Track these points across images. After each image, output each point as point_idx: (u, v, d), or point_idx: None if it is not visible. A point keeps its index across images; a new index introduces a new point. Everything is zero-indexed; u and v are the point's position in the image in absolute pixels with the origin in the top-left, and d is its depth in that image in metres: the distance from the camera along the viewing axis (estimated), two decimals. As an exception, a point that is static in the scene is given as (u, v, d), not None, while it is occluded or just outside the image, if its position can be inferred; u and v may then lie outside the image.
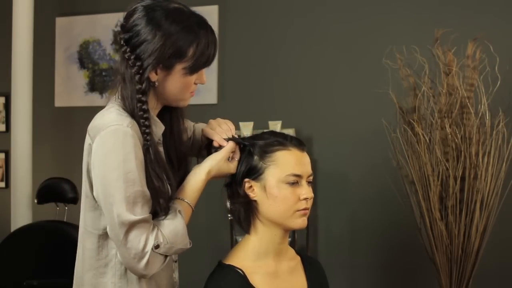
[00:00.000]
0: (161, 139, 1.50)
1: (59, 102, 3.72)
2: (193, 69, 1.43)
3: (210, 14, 3.41)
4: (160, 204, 1.40)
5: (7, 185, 3.71)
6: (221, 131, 1.57)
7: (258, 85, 3.37)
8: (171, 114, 1.55)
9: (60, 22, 3.73)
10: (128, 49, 1.40)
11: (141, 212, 1.35)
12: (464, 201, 2.44)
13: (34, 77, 3.38)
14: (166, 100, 1.47)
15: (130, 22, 1.41)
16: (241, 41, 3.41)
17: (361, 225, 3.16)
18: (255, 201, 1.51)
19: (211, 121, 1.64)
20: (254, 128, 3.07)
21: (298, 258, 1.62)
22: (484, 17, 2.97)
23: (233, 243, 3.03)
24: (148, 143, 1.40)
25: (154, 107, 1.47)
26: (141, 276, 1.40)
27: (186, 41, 1.39)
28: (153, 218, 1.39)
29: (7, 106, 3.75)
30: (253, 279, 1.48)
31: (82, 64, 3.68)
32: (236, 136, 1.57)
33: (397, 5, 3.13)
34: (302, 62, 3.29)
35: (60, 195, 2.92)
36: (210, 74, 3.41)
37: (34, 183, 3.28)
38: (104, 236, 1.43)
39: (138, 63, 1.39)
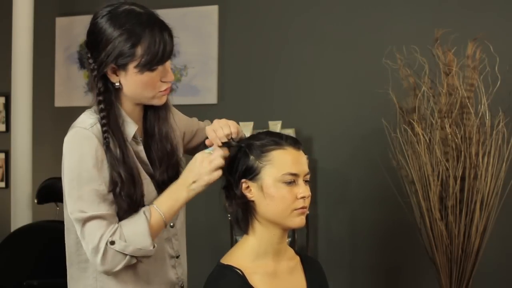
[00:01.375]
0: (138, 138, 1.52)
1: (59, 102, 3.72)
2: (145, 67, 1.43)
3: (210, 14, 3.41)
4: (118, 201, 1.42)
5: (7, 185, 3.71)
6: (222, 136, 1.54)
7: (258, 85, 3.37)
8: (153, 113, 1.56)
9: (60, 22, 3.73)
10: (88, 53, 1.47)
11: (97, 209, 1.39)
12: (464, 201, 2.44)
13: (34, 77, 3.38)
14: (134, 99, 1.49)
15: (89, 26, 1.48)
16: (241, 41, 3.40)
17: (361, 225, 3.16)
18: (253, 201, 1.50)
19: (215, 121, 1.61)
20: (254, 128, 3.07)
21: (297, 258, 1.61)
22: (484, 17, 2.97)
23: (233, 243, 3.03)
24: (106, 140, 1.43)
25: (127, 108, 1.50)
26: (103, 272, 1.43)
27: (130, 41, 1.41)
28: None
29: (7, 106, 3.75)
30: (252, 279, 1.48)
31: (82, 64, 3.68)
32: (232, 140, 1.56)
33: (397, 5, 3.13)
34: (302, 62, 3.29)
35: (60, 195, 2.88)
36: (210, 74, 3.42)
37: (34, 183, 3.29)
38: None
39: (95, 66, 1.45)
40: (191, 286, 1.92)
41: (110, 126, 1.44)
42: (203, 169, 1.46)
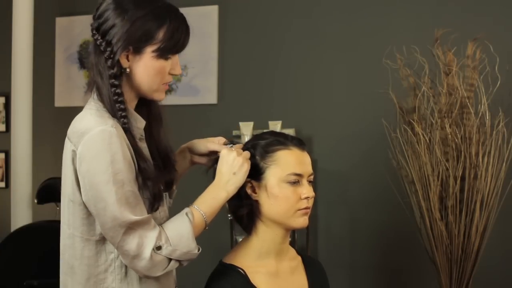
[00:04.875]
0: (143, 135, 1.48)
1: (59, 102, 3.72)
2: (163, 52, 1.41)
3: (210, 14, 3.41)
4: (148, 188, 1.38)
5: (7, 185, 3.71)
6: (216, 141, 1.58)
7: (258, 85, 3.37)
8: (148, 113, 1.52)
9: (60, 22, 3.73)
10: (99, 36, 1.41)
11: (136, 212, 1.32)
12: (464, 201, 2.44)
13: (34, 77, 3.38)
14: (140, 89, 1.44)
15: (100, 10, 1.42)
16: (241, 41, 3.40)
17: (361, 225, 3.16)
18: (256, 201, 1.51)
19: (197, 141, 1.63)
20: (254, 128, 3.07)
21: (299, 258, 1.62)
22: (484, 17, 2.97)
23: (233, 243, 3.03)
24: (126, 126, 1.38)
25: (129, 101, 1.45)
26: (144, 277, 1.37)
27: (154, 23, 1.39)
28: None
29: (7, 106, 3.75)
30: (254, 278, 1.48)
31: (82, 64, 3.68)
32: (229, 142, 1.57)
33: (397, 5, 3.13)
34: (302, 62, 3.29)
35: (60, 195, 2.91)
36: (210, 75, 3.42)
37: (34, 183, 3.28)
38: (101, 241, 1.40)
39: (109, 48, 1.39)
40: (191, 286, 1.92)
41: (127, 113, 1.39)
42: (237, 162, 1.46)
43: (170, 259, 1.35)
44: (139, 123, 1.46)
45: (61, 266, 1.46)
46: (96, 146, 1.33)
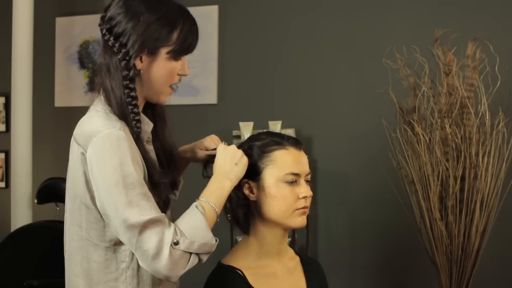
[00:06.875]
0: (150, 137, 1.49)
1: (59, 102, 3.72)
2: (177, 53, 1.42)
3: (210, 14, 3.41)
4: (155, 193, 1.38)
5: (7, 185, 3.71)
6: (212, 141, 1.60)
7: (258, 85, 3.37)
8: (153, 114, 1.53)
9: (60, 22, 3.73)
10: (111, 38, 1.40)
11: (149, 213, 1.30)
12: (464, 201, 2.44)
13: (34, 77, 3.38)
14: (149, 91, 1.45)
15: (110, 13, 1.42)
16: (241, 41, 3.40)
17: (361, 225, 3.16)
18: (254, 201, 1.50)
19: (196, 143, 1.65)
20: (254, 128, 3.07)
21: (297, 258, 1.61)
22: (484, 17, 2.97)
23: (233, 243, 3.03)
24: (138, 130, 1.38)
25: (139, 103, 1.45)
26: (165, 278, 1.33)
27: (170, 24, 1.40)
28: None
29: (7, 106, 3.75)
30: (252, 279, 1.48)
31: (82, 64, 3.68)
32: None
33: (397, 5, 3.13)
34: (302, 62, 3.29)
35: (60, 195, 2.92)
36: (210, 75, 3.42)
37: (34, 183, 3.28)
38: (111, 248, 1.39)
39: (124, 50, 1.38)
40: (190, 286, 1.92)
41: (139, 114, 1.40)
42: (237, 153, 1.47)
43: (189, 254, 1.32)
44: (147, 126, 1.47)
45: (72, 268, 1.45)
46: (104, 149, 1.32)
